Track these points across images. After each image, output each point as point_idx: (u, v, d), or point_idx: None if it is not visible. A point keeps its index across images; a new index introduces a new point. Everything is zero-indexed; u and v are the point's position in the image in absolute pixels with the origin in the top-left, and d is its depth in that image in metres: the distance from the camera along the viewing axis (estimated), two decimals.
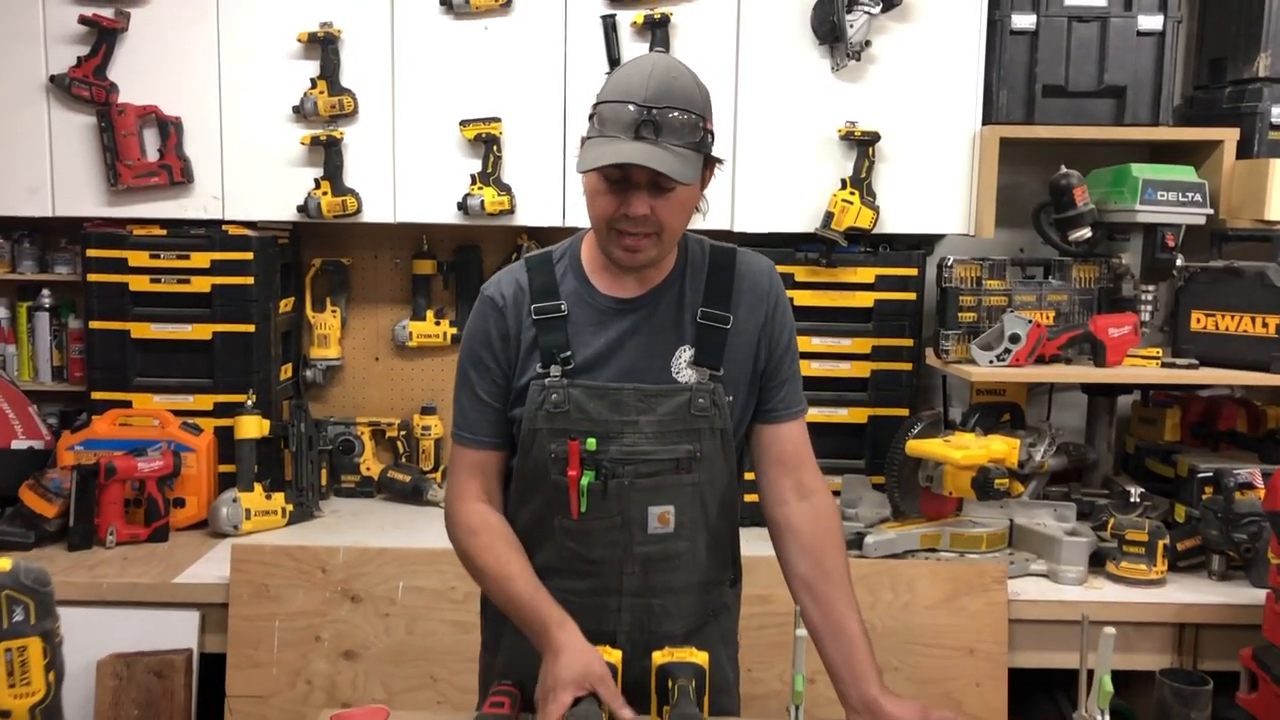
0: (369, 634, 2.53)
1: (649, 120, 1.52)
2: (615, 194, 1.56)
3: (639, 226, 1.57)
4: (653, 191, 1.55)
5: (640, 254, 1.60)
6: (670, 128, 1.53)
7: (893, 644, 2.49)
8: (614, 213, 1.57)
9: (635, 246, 1.59)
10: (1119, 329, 2.77)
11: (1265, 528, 2.52)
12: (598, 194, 1.58)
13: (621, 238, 1.59)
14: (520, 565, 1.66)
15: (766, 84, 2.87)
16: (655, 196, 1.56)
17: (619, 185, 1.56)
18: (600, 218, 1.60)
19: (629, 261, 1.61)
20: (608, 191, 1.57)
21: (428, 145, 2.91)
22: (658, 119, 1.52)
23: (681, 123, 1.54)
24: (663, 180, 1.53)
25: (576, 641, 1.56)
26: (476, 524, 1.71)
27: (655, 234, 1.58)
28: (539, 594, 1.62)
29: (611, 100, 1.55)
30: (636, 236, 1.58)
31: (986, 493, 2.51)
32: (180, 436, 2.89)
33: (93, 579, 2.54)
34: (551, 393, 1.64)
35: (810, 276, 2.93)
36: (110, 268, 2.94)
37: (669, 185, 1.55)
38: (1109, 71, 2.85)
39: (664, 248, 1.62)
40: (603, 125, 1.55)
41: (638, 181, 1.54)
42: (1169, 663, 2.52)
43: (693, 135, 1.55)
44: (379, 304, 3.32)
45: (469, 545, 1.70)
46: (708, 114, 1.59)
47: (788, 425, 1.76)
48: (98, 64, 2.85)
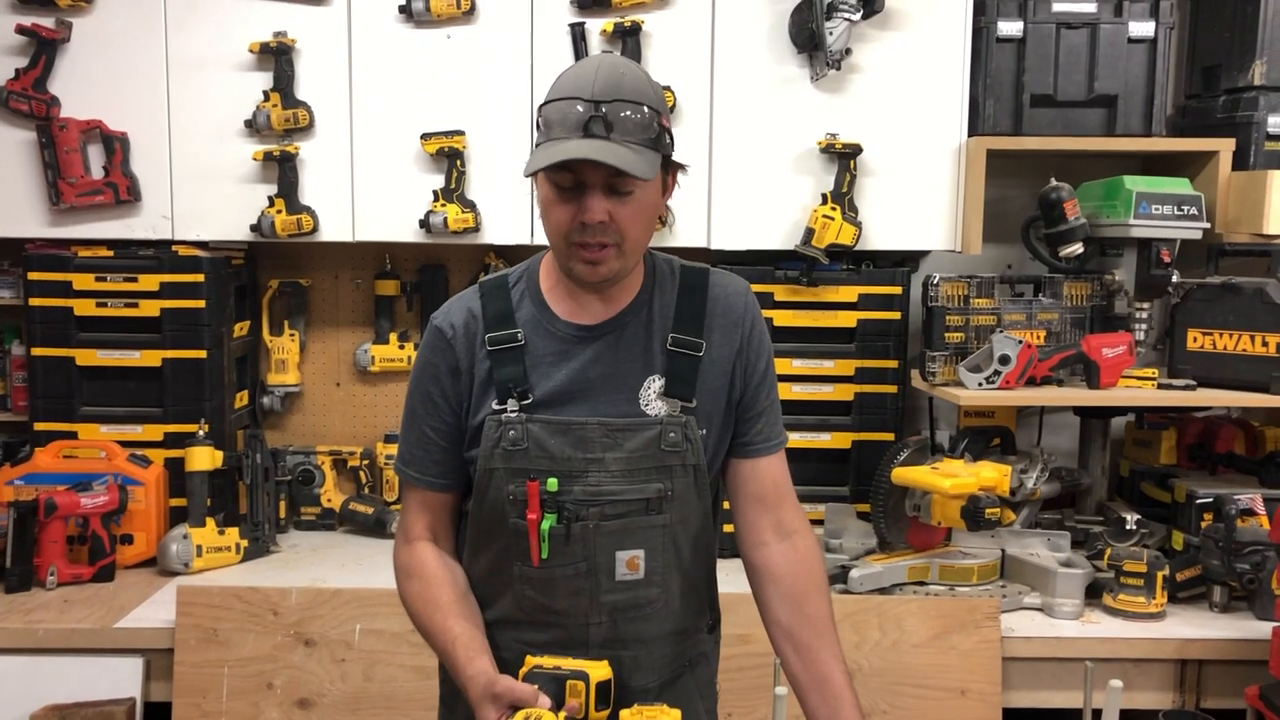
0: (324, 681, 2.39)
1: (598, 116, 1.41)
2: (570, 202, 1.45)
3: (598, 235, 1.45)
4: (609, 195, 1.44)
5: (602, 267, 1.47)
6: (622, 124, 1.42)
7: (880, 685, 2.37)
8: (570, 223, 1.45)
9: (596, 259, 1.47)
10: (1113, 349, 2.66)
11: (1270, 557, 2.42)
12: (551, 205, 1.47)
13: (580, 251, 1.46)
14: (445, 612, 1.56)
15: (743, 95, 2.76)
16: (613, 200, 1.44)
17: (572, 193, 1.44)
18: (557, 231, 1.48)
19: (591, 276, 1.49)
20: (561, 201, 1.45)
21: (388, 160, 2.79)
22: (608, 115, 1.41)
23: (635, 118, 1.42)
24: (619, 181, 1.42)
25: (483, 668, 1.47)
26: (413, 566, 1.62)
27: (616, 245, 1.46)
28: (459, 642, 1.52)
29: (557, 99, 1.45)
30: (595, 248, 1.46)
31: (977, 522, 2.40)
32: (128, 469, 2.76)
33: (28, 624, 2.40)
34: (509, 429, 1.52)
35: (790, 296, 2.82)
36: (54, 291, 2.80)
37: (626, 187, 1.43)
38: (1099, 80, 2.76)
39: (627, 260, 1.50)
40: (549, 129, 1.44)
41: (592, 184, 1.43)
42: (1170, 702, 2.42)
43: (647, 132, 1.44)
44: (339, 327, 3.19)
45: (404, 590, 1.63)
46: (662, 110, 1.48)
47: (766, 460, 1.64)
48: (37, 76, 2.72)
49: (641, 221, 1.49)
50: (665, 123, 1.48)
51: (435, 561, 1.61)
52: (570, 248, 1.48)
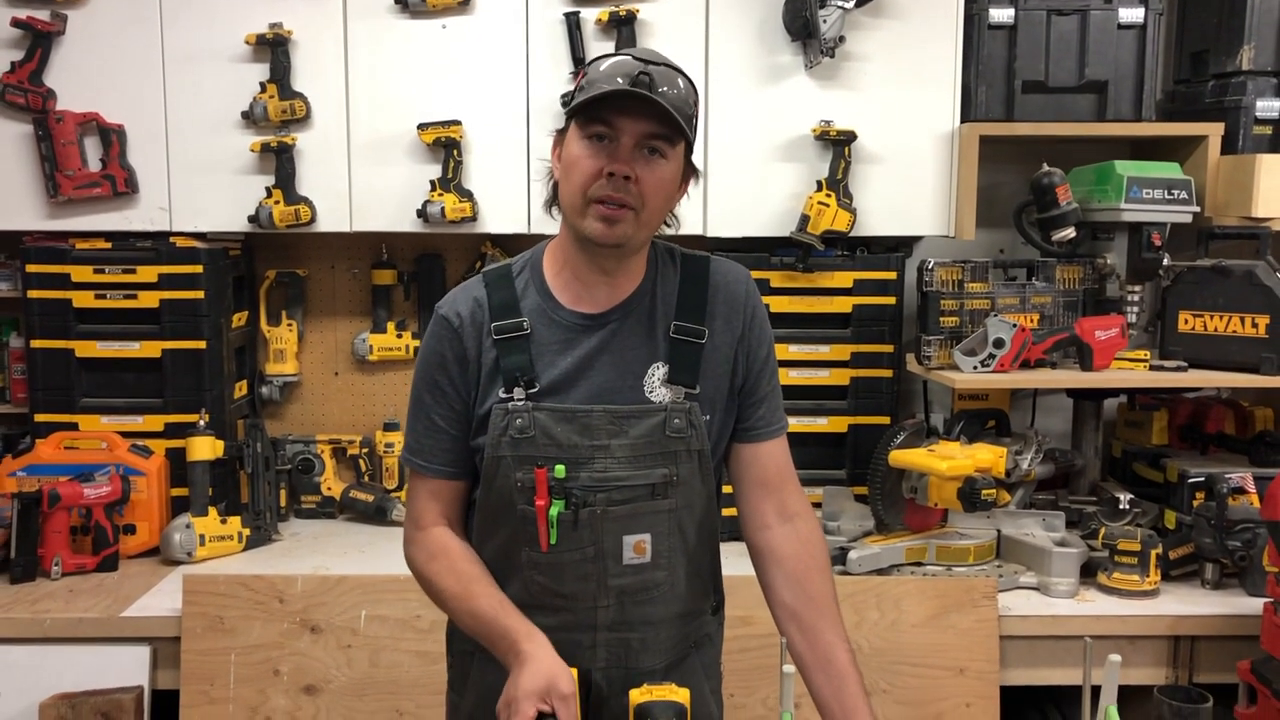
0: (330, 667, 2.41)
1: (646, 74, 1.46)
2: (599, 156, 1.48)
3: (621, 191, 1.47)
4: (641, 154, 1.48)
5: (618, 227, 1.49)
6: (668, 88, 1.47)
7: (880, 665, 2.40)
8: (596, 175, 1.48)
9: (614, 216, 1.49)
10: (1106, 331, 2.69)
11: (1260, 535, 2.45)
12: (579, 159, 1.49)
13: (599, 206, 1.49)
14: (484, 583, 1.57)
15: (738, 83, 2.78)
16: (642, 162, 1.48)
17: (604, 146, 1.48)
18: (581, 186, 1.50)
19: (606, 236, 1.50)
20: (591, 153, 1.48)
21: (384, 150, 2.79)
22: (655, 75, 1.46)
23: (678, 89, 1.49)
24: (653, 141, 1.47)
25: (545, 654, 1.48)
26: (435, 548, 1.62)
27: (635, 209, 1.49)
28: (505, 608, 1.54)
29: (605, 57, 1.51)
30: (615, 205, 1.48)
31: (973, 504, 2.43)
32: (129, 460, 2.76)
33: (35, 614, 2.41)
34: (515, 417, 1.54)
35: (786, 282, 2.84)
36: (52, 283, 2.80)
37: (660, 147, 1.47)
38: (1090, 66, 2.78)
39: (640, 230, 1.52)
40: (594, 84, 1.48)
41: (627, 138, 1.47)
42: (1164, 677, 2.45)
43: (685, 107, 1.49)
44: (337, 316, 3.19)
45: (429, 570, 1.62)
46: (696, 98, 1.55)
47: (768, 444, 1.67)
48: (33, 69, 2.71)
49: (661, 194, 1.52)
50: (696, 107, 1.53)
51: (457, 542, 1.63)
52: (589, 205, 1.49)
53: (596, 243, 1.51)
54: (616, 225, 1.49)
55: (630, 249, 1.55)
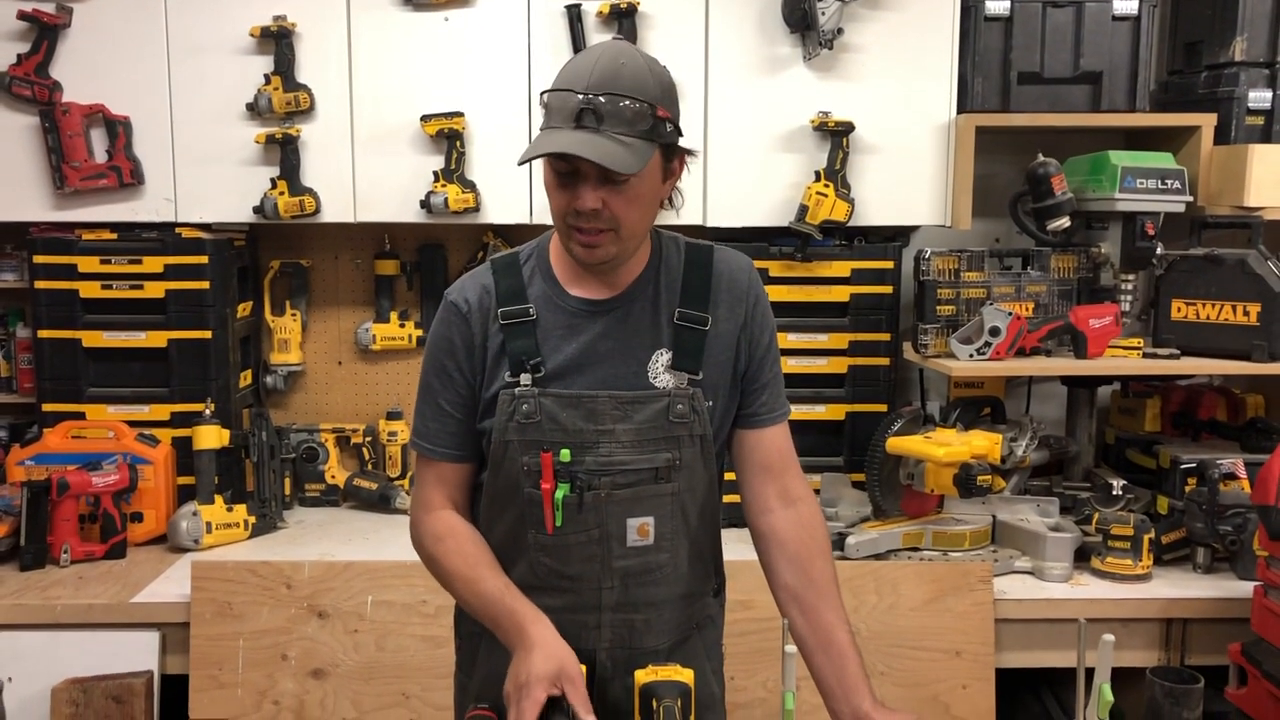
0: (337, 651, 2.45)
1: (589, 109, 1.45)
2: (566, 188, 1.50)
3: (591, 221, 1.50)
4: (603, 184, 1.48)
5: (598, 250, 1.53)
6: (615, 116, 1.45)
7: (878, 647, 2.43)
8: (566, 208, 1.51)
9: (591, 243, 1.52)
10: (1100, 320, 2.72)
11: (1251, 519, 2.48)
12: (551, 188, 1.52)
13: (577, 234, 1.52)
14: (490, 565, 1.60)
15: (737, 74, 2.80)
16: (605, 188, 1.48)
17: (569, 178, 1.49)
18: (556, 213, 1.54)
19: (587, 259, 1.54)
20: (559, 186, 1.51)
21: (388, 142, 2.82)
22: (600, 107, 1.45)
23: (628, 110, 1.46)
24: (611, 172, 1.46)
25: (552, 638, 1.51)
26: (442, 530, 1.65)
27: (612, 230, 1.51)
28: (510, 591, 1.57)
29: (556, 89, 1.49)
30: (591, 233, 1.51)
31: (969, 489, 2.47)
32: (136, 448, 2.79)
33: (46, 601, 2.44)
34: (522, 402, 1.57)
35: (785, 271, 2.87)
36: (59, 274, 2.83)
37: (619, 178, 1.47)
38: (1085, 57, 2.81)
39: (625, 245, 1.54)
40: (548, 116, 1.50)
41: (585, 174, 1.47)
42: (1156, 659, 2.49)
43: (640, 124, 1.47)
44: (340, 306, 3.22)
45: (435, 551, 1.64)
46: (664, 101, 1.50)
47: (771, 430, 1.70)
48: (39, 61, 2.73)
49: (637, 209, 1.52)
50: (664, 113, 1.50)
51: (464, 524, 1.66)
52: (569, 230, 1.53)
53: (583, 264, 1.56)
54: (597, 249, 1.52)
55: (619, 261, 1.57)
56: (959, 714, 2.42)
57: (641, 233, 1.58)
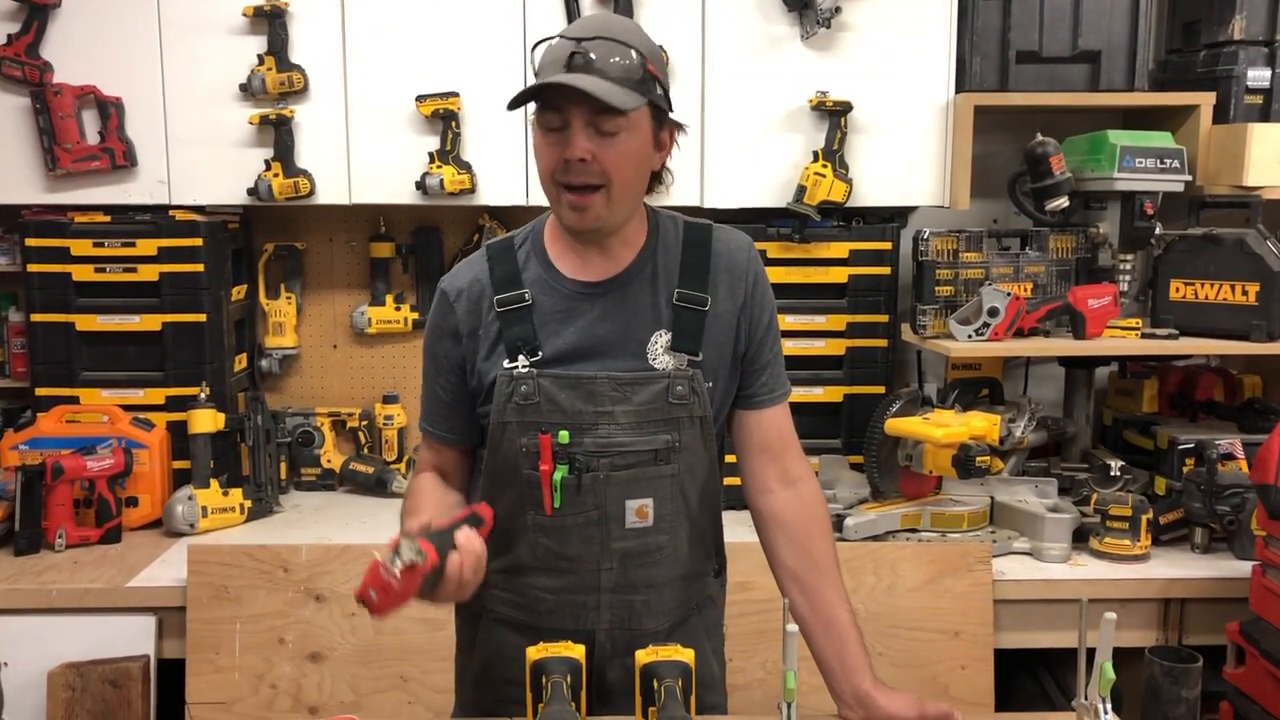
0: (335, 635, 2.44)
1: (579, 52, 1.45)
2: (555, 144, 1.49)
3: (581, 175, 1.48)
4: (593, 134, 1.47)
5: (589, 212, 1.51)
6: (604, 62, 1.46)
7: (877, 628, 2.43)
8: (555, 163, 1.49)
9: (581, 203, 1.50)
10: (1099, 300, 2.72)
11: (1249, 499, 2.49)
12: (540, 148, 1.51)
13: (567, 194, 1.50)
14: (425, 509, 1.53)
15: (735, 53, 2.78)
16: (597, 140, 1.47)
17: (558, 133, 1.48)
18: (545, 174, 1.52)
19: (579, 223, 1.52)
20: (547, 142, 1.50)
21: (383, 123, 2.80)
22: (589, 51, 1.45)
23: (617, 58, 1.46)
24: (602, 120, 1.45)
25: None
26: (415, 487, 1.68)
27: (603, 188, 1.50)
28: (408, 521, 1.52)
29: (548, 39, 1.51)
30: (582, 192, 1.49)
31: (968, 470, 2.46)
32: (131, 433, 2.78)
33: (41, 585, 2.43)
34: (520, 384, 1.56)
35: (783, 253, 2.86)
36: (52, 257, 2.81)
37: (610, 127, 1.46)
38: (1083, 36, 2.79)
39: (615, 208, 1.53)
40: (539, 72, 1.50)
41: (575, 122, 1.46)
42: (1155, 639, 2.49)
43: (630, 73, 1.47)
44: (335, 289, 3.20)
45: (404, 506, 1.65)
46: (655, 61, 1.51)
47: (771, 410, 1.69)
48: (30, 42, 2.71)
49: (628, 166, 1.50)
50: (654, 71, 1.50)
51: (432, 482, 1.67)
52: (558, 191, 1.51)
53: (573, 230, 1.55)
54: (587, 210, 1.51)
55: (610, 228, 1.56)
56: (957, 694, 2.42)
57: (631, 198, 1.55)
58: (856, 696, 1.57)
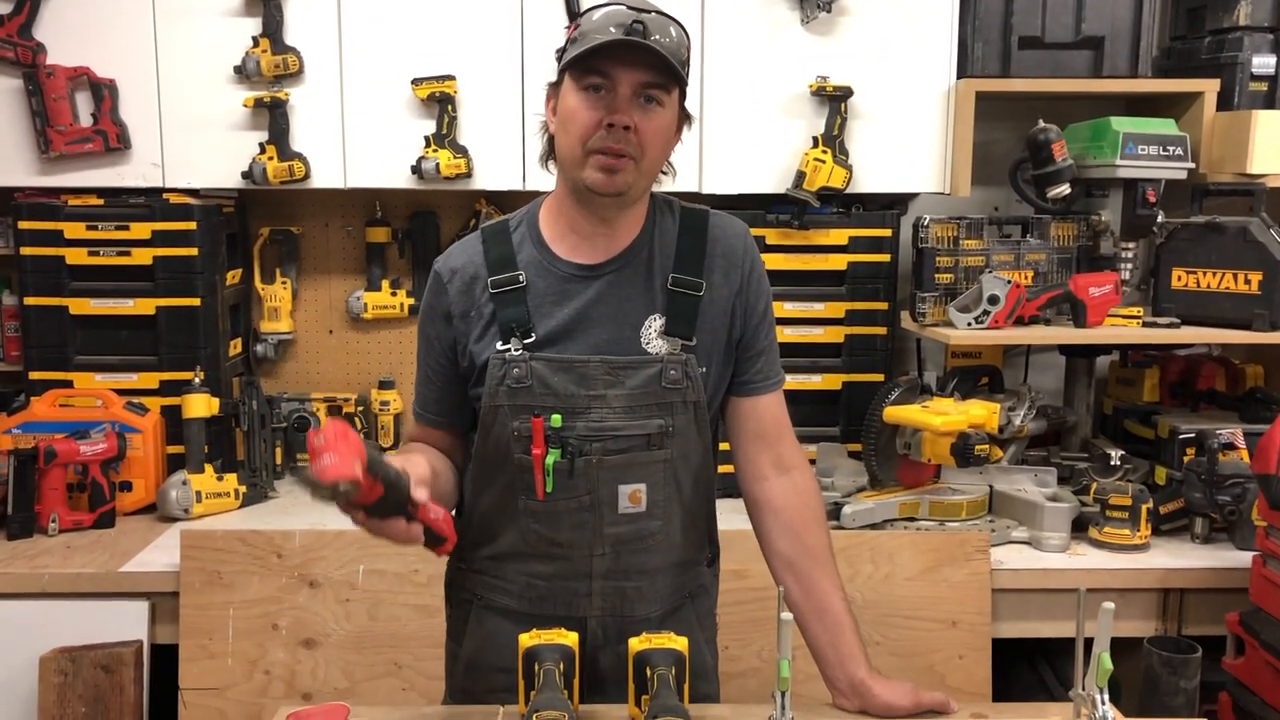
0: (329, 621, 2.43)
1: (640, 22, 1.45)
2: (597, 108, 1.48)
3: (622, 142, 1.47)
4: (639, 104, 1.48)
5: (619, 176, 1.50)
6: (663, 37, 1.47)
7: (873, 617, 2.42)
8: (595, 127, 1.48)
9: (615, 166, 1.49)
10: (1100, 288, 2.69)
11: (1250, 489, 2.47)
12: (577, 111, 1.49)
13: (600, 157, 1.49)
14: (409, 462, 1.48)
15: (734, 38, 2.76)
16: (640, 111, 1.48)
17: (601, 97, 1.48)
18: (579, 137, 1.49)
19: (607, 186, 1.50)
20: (588, 106, 1.48)
21: (378, 106, 2.77)
22: (649, 23, 1.46)
23: (672, 36, 1.49)
24: (650, 90, 1.47)
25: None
26: (403, 450, 1.67)
27: (634, 159, 1.49)
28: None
29: (598, 7, 1.49)
30: (617, 157, 1.48)
31: (966, 459, 2.45)
32: (125, 417, 2.76)
33: (33, 569, 2.41)
34: (512, 367, 1.55)
35: (782, 239, 2.84)
36: (45, 240, 2.78)
37: (658, 97, 1.48)
38: (1086, 21, 2.77)
39: (640, 180, 1.53)
40: (586, 37, 1.48)
41: (624, 88, 1.47)
42: (1154, 629, 2.48)
43: (680, 53, 1.50)
44: (331, 274, 3.18)
45: None
46: (689, 48, 1.54)
47: (766, 398, 1.68)
48: (22, 22, 2.68)
49: (659, 142, 1.52)
50: (688, 56, 1.53)
51: (421, 447, 1.66)
52: (589, 156, 1.49)
53: (598, 193, 1.51)
54: (618, 174, 1.49)
55: (631, 198, 1.55)
56: (955, 684, 2.41)
57: (655, 173, 1.57)
58: (851, 685, 1.57)
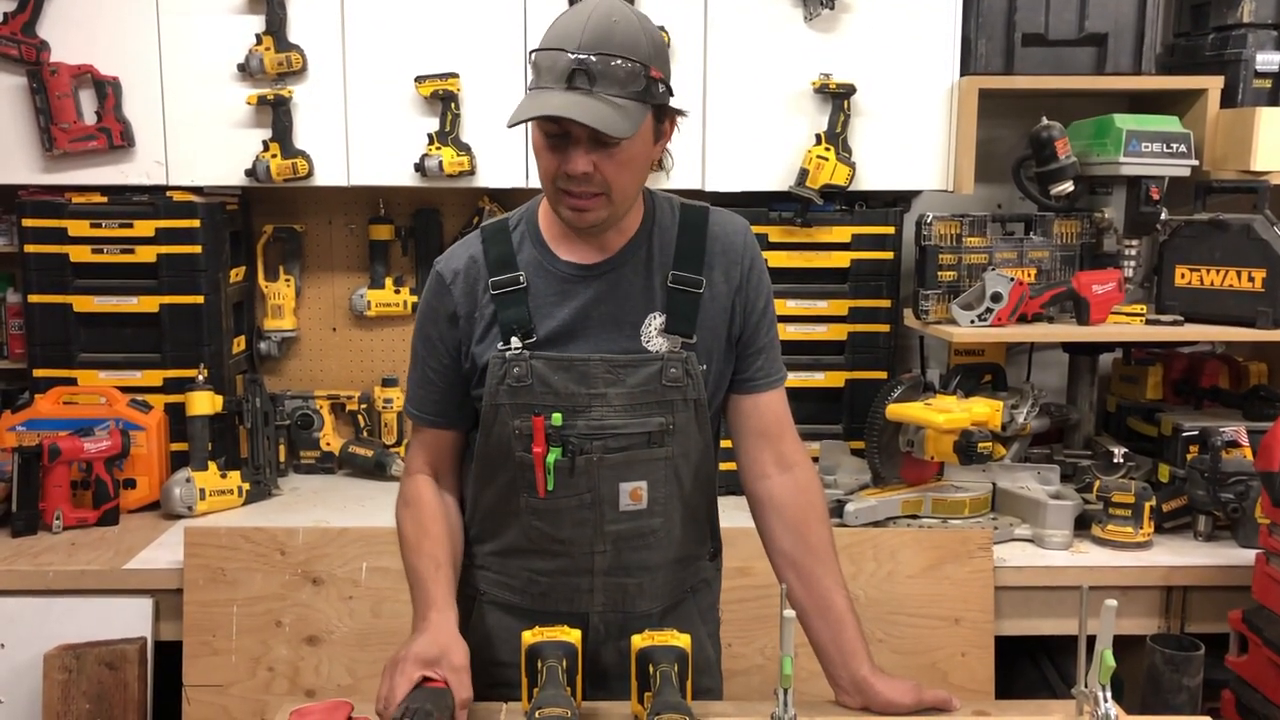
0: (332, 618, 2.43)
1: (582, 70, 1.41)
2: (556, 151, 1.47)
3: (582, 185, 1.47)
4: (594, 147, 1.45)
5: (589, 214, 1.50)
6: (607, 76, 1.42)
7: (876, 615, 2.42)
8: (556, 171, 1.48)
9: (581, 206, 1.49)
10: (1103, 286, 2.69)
11: (1253, 487, 2.46)
12: (540, 151, 1.49)
13: (567, 198, 1.49)
14: (435, 542, 1.61)
15: (737, 34, 2.75)
16: (597, 152, 1.45)
17: (559, 141, 1.46)
18: (545, 176, 1.50)
19: (578, 222, 1.51)
20: (548, 148, 1.47)
21: (382, 104, 2.77)
22: (592, 68, 1.41)
23: (621, 71, 1.43)
24: (603, 135, 1.42)
25: (446, 627, 1.51)
26: (411, 496, 1.67)
27: (604, 194, 1.48)
28: (439, 573, 1.57)
29: (546, 48, 1.45)
30: (582, 196, 1.48)
31: (969, 456, 2.44)
32: (129, 414, 2.77)
33: (38, 567, 2.42)
34: (513, 366, 1.55)
35: (784, 237, 2.84)
36: (49, 238, 2.79)
37: (611, 140, 1.44)
38: (1090, 18, 2.76)
39: (616, 208, 1.52)
40: (538, 75, 1.46)
41: (576, 136, 1.44)
42: (1157, 627, 2.48)
43: (633, 84, 1.44)
44: (334, 272, 3.19)
45: (399, 515, 1.67)
46: (656, 61, 1.47)
47: (767, 395, 1.68)
48: (26, 20, 2.68)
49: (628, 173, 1.49)
50: (657, 74, 1.47)
51: (431, 494, 1.66)
52: (559, 193, 1.50)
53: (573, 228, 1.54)
54: (588, 213, 1.50)
55: (610, 225, 1.55)
56: (957, 681, 2.41)
57: (633, 195, 1.55)
58: (854, 683, 1.57)
